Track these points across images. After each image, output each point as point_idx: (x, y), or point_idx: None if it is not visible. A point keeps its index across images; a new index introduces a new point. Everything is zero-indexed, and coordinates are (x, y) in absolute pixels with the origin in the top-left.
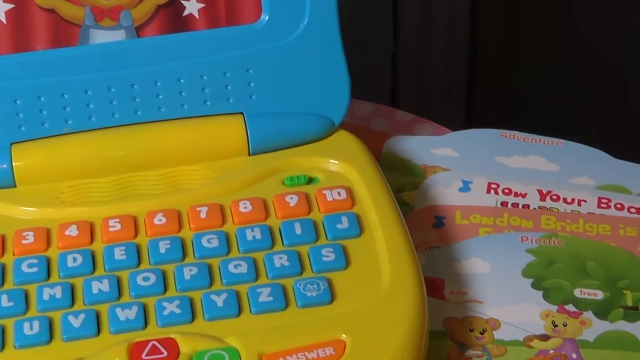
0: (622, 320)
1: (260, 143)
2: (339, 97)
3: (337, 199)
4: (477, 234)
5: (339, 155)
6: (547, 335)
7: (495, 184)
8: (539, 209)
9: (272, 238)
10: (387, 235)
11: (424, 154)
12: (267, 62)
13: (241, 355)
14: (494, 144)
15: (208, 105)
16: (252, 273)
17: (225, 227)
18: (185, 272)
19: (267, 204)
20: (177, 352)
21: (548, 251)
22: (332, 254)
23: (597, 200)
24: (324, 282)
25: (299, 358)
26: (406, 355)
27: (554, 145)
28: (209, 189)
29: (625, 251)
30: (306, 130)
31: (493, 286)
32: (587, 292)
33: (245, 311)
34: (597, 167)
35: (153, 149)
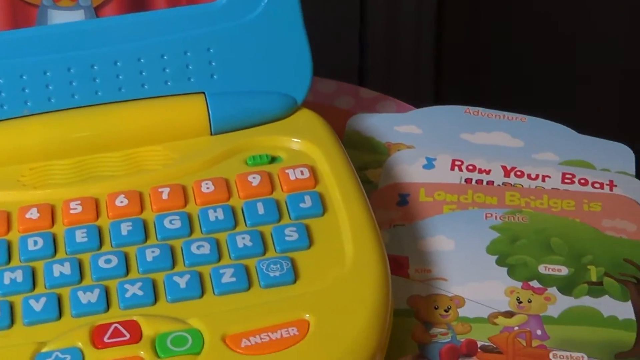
0: (586, 296)
1: (222, 122)
2: (301, 76)
3: (299, 178)
4: (441, 211)
5: (301, 134)
6: (512, 312)
7: (459, 161)
8: (503, 185)
9: (234, 218)
10: (351, 214)
11: (388, 131)
12: (228, 41)
13: (204, 337)
14: (458, 120)
15: (169, 85)
16: (215, 254)
17: (188, 208)
18: (148, 253)
19: (230, 184)
20: (139, 335)
21: (512, 227)
22: (295, 233)
23: (561, 175)
24: (287, 262)
25: (263, 339)
26: (370, 334)
27: (519, 121)
28: (171, 169)
29: (590, 226)
30: (268, 109)
31: (457, 263)
32: (552, 268)
33: (208, 292)
34: (562, 142)
35: (114, 130)
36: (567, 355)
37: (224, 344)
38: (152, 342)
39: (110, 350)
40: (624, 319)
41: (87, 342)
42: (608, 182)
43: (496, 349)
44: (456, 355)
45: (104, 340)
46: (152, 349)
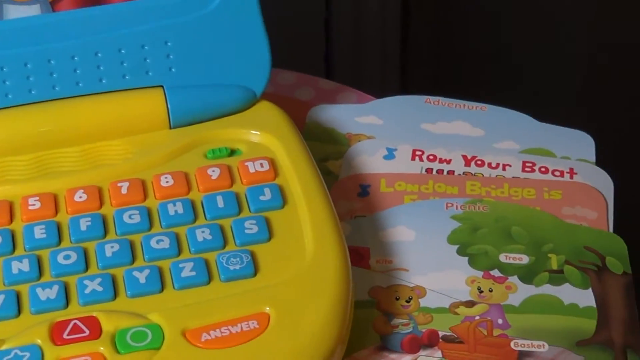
0: (547, 284)
1: (181, 116)
2: (259, 68)
3: (259, 171)
4: (402, 201)
5: (261, 126)
6: (473, 302)
7: (420, 151)
8: (463, 174)
9: (194, 212)
10: (311, 206)
11: (348, 122)
12: (186, 34)
13: (164, 332)
14: (419, 110)
15: (127, 79)
16: (175, 248)
17: (147, 202)
18: (107, 249)
19: (189, 177)
20: (99, 331)
21: (473, 217)
22: (255, 226)
23: (521, 164)
24: (247, 255)
25: (223, 332)
26: (330, 326)
27: (479, 110)
28: (130, 164)
29: (550, 215)
30: (227, 101)
31: (418, 254)
32: (513, 257)
33: (168, 287)
34: (522, 131)
35: (72, 125)
36: (529, 343)
37: (184, 339)
38: (112, 337)
39: (69, 346)
40: (584, 307)
41: (47, 338)
42: (568, 170)
43: (457, 339)
44: (418, 345)
45: (64, 336)
46: (112, 345)
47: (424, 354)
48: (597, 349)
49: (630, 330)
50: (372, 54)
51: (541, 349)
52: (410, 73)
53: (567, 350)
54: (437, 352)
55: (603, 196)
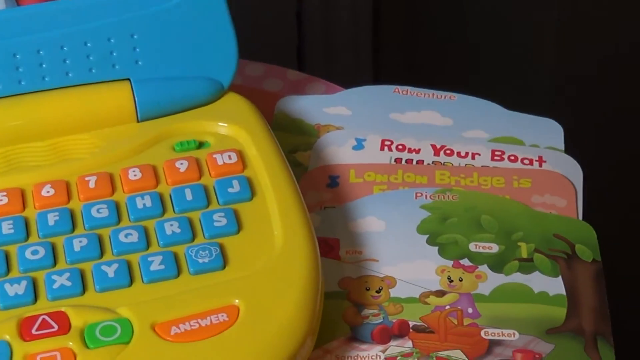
0: (517, 273)
1: (148, 109)
2: (226, 60)
3: (227, 163)
4: (372, 192)
5: (229, 118)
6: (443, 291)
7: (389, 141)
8: (433, 164)
9: (162, 205)
10: (279, 198)
11: (317, 113)
12: (152, 27)
13: (133, 326)
14: (388, 100)
15: (93, 73)
16: (143, 242)
17: (115, 196)
18: (75, 243)
19: (157, 170)
20: (68, 326)
21: (442, 206)
22: (224, 218)
23: (490, 153)
24: (216, 248)
25: (192, 326)
26: (300, 317)
27: (448, 99)
28: (98, 157)
29: (520, 203)
30: (195, 94)
31: (388, 244)
32: (482, 246)
33: (137, 281)
34: (491, 119)
35: (39, 120)
36: (499, 332)
37: (154, 332)
38: (80, 332)
39: (38, 342)
40: (554, 295)
41: (15, 334)
42: (537, 158)
43: (428, 329)
44: (388, 336)
45: (32, 332)
46: (81, 340)
47: (395, 344)
48: (567, 337)
49: (600, 318)
50: (344, 45)
51: (511, 337)
52: (383, 63)
53: (537, 339)
54: (407, 342)
55: (572, 184)
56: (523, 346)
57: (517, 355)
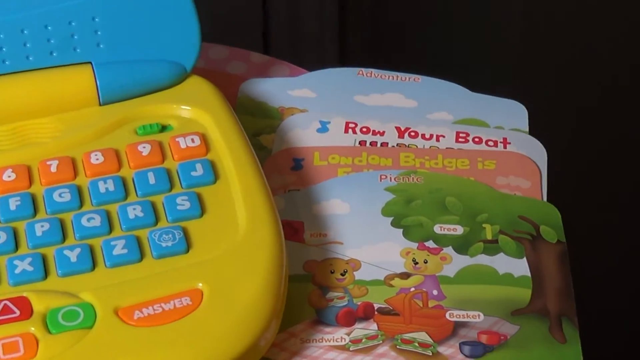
0: (482, 254)
1: (110, 92)
2: (189, 43)
3: (190, 146)
4: (336, 174)
5: (191, 101)
6: (408, 273)
7: (353, 123)
8: (397, 146)
9: (125, 189)
10: (243, 181)
11: (281, 95)
12: (113, 10)
13: (96, 311)
14: (352, 83)
15: (54, 56)
16: (106, 226)
17: (77, 180)
18: (37, 228)
19: (120, 154)
20: (30, 311)
21: (407, 188)
22: (187, 202)
23: (455, 134)
24: (179, 232)
25: (155, 310)
26: (264, 300)
27: (412, 81)
28: (60, 142)
29: (485, 185)
30: (157, 77)
31: (353, 227)
32: (447, 228)
33: (99, 265)
34: (455, 101)
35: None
36: (464, 314)
37: (117, 317)
38: (43, 317)
39: (0, 327)
40: (519, 276)
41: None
42: (502, 139)
43: (393, 311)
44: (353, 318)
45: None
46: (44, 325)
47: (360, 327)
48: (532, 318)
49: (564, 299)
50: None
51: (476, 319)
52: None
53: (502, 320)
54: (372, 325)
55: (537, 165)
56: (488, 327)
57: (482, 337)
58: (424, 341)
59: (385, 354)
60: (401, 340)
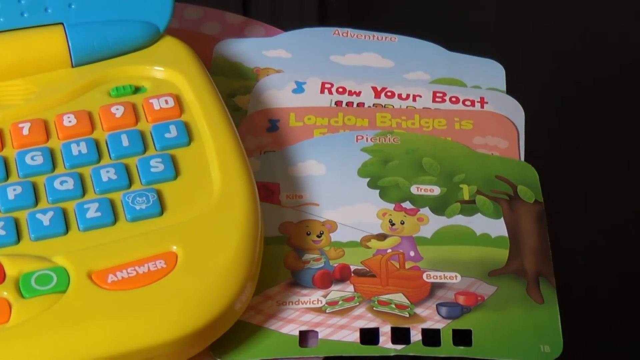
0: (459, 215)
1: (82, 54)
2: (161, 3)
3: (164, 108)
4: (312, 135)
5: (165, 62)
6: (385, 234)
7: (329, 84)
8: (373, 106)
9: (98, 151)
10: (217, 143)
11: (256, 56)
12: None
13: (70, 274)
14: (328, 42)
15: (25, 17)
16: (79, 189)
17: (50, 143)
18: (9, 192)
19: (93, 116)
20: (2, 275)
21: (384, 149)
22: (161, 164)
23: (432, 94)
24: (153, 194)
25: (130, 273)
26: (239, 263)
27: (389, 41)
28: (32, 104)
29: (462, 145)
30: (130, 37)
31: (329, 188)
32: (424, 189)
33: (73, 228)
34: (432, 61)
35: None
36: (441, 275)
37: (90, 281)
38: (15, 282)
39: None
40: (496, 236)
41: None
42: (479, 99)
43: (369, 272)
44: (329, 280)
45: None
46: (16, 289)
47: (336, 289)
48: (509, 278)
49: (542, 259)
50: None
51: (454, 280)
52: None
53: (479, 281)
54: (349, 287)
55: (514, 124)
56: (465, 288)
57: (460, 298)
58: (401, 303)
59: (362, 316)
60: (378, 302)
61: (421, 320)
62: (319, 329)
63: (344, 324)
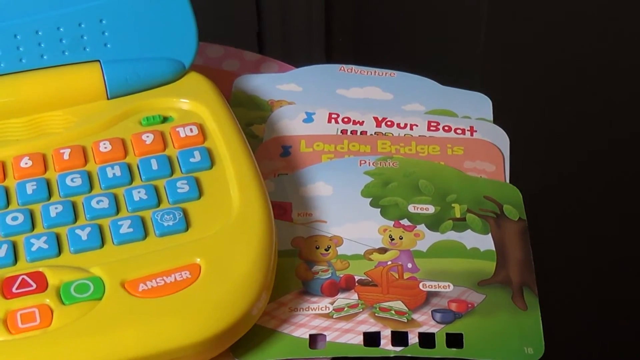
0: (451, 231)
1: (117, 87)
2: (187, 42)
3: (189, 135)
4: (320, 160)
5: (190, 95)
6: (385, 248)
7: (335, 114)
8: (375, 134)
9: (130, 174)
10: (236, 166)
11: (271, 90)
12: (119, 12)
13: (105, 284)
14: (334, 77)
15: (66, 55)
16: (114, 207)
17: (88, 167)
18: (52, 210)
19: (126, 143)
20: (45, 284)
21: (384, 172)
22: (187, 185)
23: (427, 123)
24: (179, 212)
25: (158, 283)
26: (256, 273)
27: (389, 76)
28: (71, 132)
29: (453, 168)
30: (159, 73)
31: (335, 207)
32: (420, 207)
33: (108, 243)
34: (427, 94)
35: (17, 98)
36: (435, 284)
37: (123, 289)
38: (57, 290)
39: (18, 299)
40: (485, 250)
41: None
42: (469, 128)
43: (372, 282)
44: (336, 289)
45: (13, 290)
46: (57, 297)
47: (342, 297)
48: (497, 288)
49: (526, 270)
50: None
51: (447, 289)
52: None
53: (470, 290)
54: (353, 295)
55: (500, 150)
56: (457, 297)
57: (452, 305)
58: (400, 309)
59: (365, 321)
60: (379, 309)
61: (418, 325)
62: (326, 332)
63: (349, 328)
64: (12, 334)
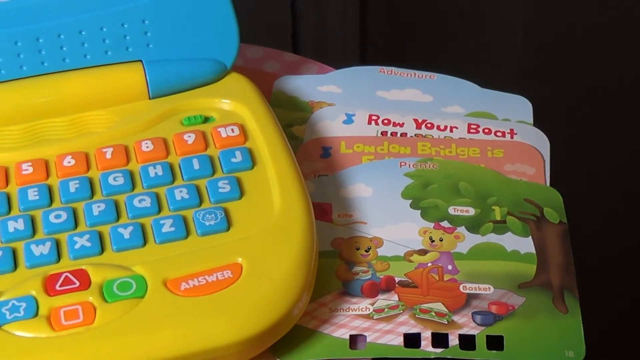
0: (491, 233)
1: (159, 87)
2: (229, 43)
3: (230, 135)
4: (360, 161)
5: (231, 96)
6: (425, 250)
7: (375, 116)
8: (415, 136)
9: (172, 174)
10: (277, 167)
11: (311, 91)
12: (161, 13)
13: (147, 282)
14: (374, 79)
15: (109, 55)
16: (155, 206)
17: (130, 166)
18: (94, 208)
19: (168, 142)
20: (88, 282)
21: (424, 174)
22: (228, 185)
23: (467, 126)
24: (220, 212)
25: (200, 282)
26: (297, 274)
27: (428, 78)
28: (114, 131)
29: (493, 171)
30: (201, 73)
31: (376, 208)
32: (460, 209)
33: (150, 241)
34: (467, 96)
35: (60, 98)
36: (476, 286)
37: (166, 288)
38: (100, 288)
39: (62, 297)
40: (525, 253)
41: (41, 290)
42: (509, 130)
43: (412, 284)
44: (376, 290)
45: (56, 288)
46: (100, 295)
47: (382, 298)
48: (537, 290)
49: (566, 273)
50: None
51: (487, 291)
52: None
53: (510, 292)
54: (394, 296)
55: (540, 153)
56: (498, 299)
57: (493, 307)
58: (440, 311)
59: (405, 322)
60: (420, 310)
61: (458, 327)
62: (367, 333)
63: (389, 329)
64: (55, 330)
